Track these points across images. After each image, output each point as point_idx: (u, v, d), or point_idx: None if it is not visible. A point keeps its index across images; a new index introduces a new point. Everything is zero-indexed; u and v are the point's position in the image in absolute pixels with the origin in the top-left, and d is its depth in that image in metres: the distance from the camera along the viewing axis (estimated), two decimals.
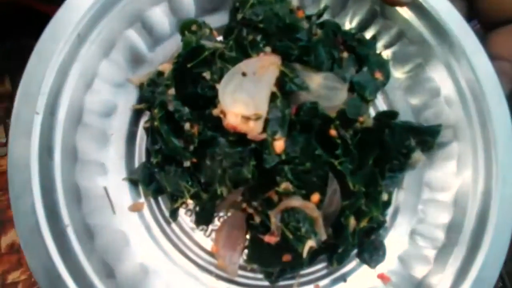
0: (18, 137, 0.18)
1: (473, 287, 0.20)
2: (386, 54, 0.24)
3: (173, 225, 0.21)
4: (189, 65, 0.20)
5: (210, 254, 0.21)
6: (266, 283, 0.21)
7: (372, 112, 0.24)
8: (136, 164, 0.21)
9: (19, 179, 0.18)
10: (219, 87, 0.19)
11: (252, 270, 0.21)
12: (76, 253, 0.18)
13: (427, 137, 0.22)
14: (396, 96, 0.24)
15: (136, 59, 0.21)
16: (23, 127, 0.18)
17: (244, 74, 0.19)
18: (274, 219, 0.19)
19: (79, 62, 0.19)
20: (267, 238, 0.19)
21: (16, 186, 0.18)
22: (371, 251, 0.21)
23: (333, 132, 0.20)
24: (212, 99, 0.20)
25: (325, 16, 0.23)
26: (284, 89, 0.20)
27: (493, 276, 0.20)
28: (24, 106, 0.18)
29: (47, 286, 0.18)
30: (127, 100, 0.21)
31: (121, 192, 0.20)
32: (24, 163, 0.18)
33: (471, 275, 0.20)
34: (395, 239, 0.22)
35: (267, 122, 0.19)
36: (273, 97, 0.19)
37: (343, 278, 0.22)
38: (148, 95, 0.21)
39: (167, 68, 0.21)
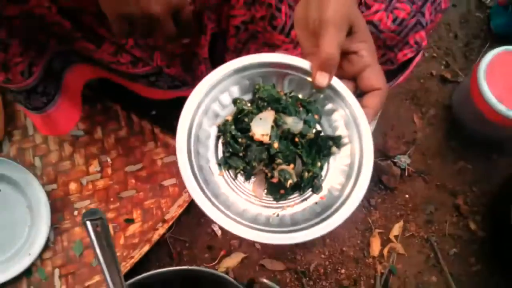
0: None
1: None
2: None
3: (236, 181, 0.51)
4: (239, 116, 0.51)
5: (251, 192, 0.51)
6: (275, 202, 0.51)
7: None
8: (219, 156, 0.52)
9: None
10: (252, 124, 0.50)
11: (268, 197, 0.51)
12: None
13: (337, 141, 0.53)
14: (324, 124, 0.55)
15: (217, 115, 0.52)
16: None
17: (260, 118, 0.50)
18: (276, 173, 0.50)
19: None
20: (273, 180, 0.50)
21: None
22: (316, 187, 0.52)
23: (297, 139, 0.50)
24: (249, 129, 0.50)
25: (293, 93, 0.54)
26: (276, 123, 0.50)
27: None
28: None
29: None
30: (214, 131, 0.52)
31: (215, 168, 0.51)
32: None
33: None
34: (326, 182, 0.52)
35: (270, 137, 0.50)
36: (272, 127, 0.50)
37: (305, 199, 0.52)
38: (222, 128, 0.52)
39: (229, 117, 0.52)
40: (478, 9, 1.16)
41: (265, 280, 0.69)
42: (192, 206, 0.91)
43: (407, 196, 0.98)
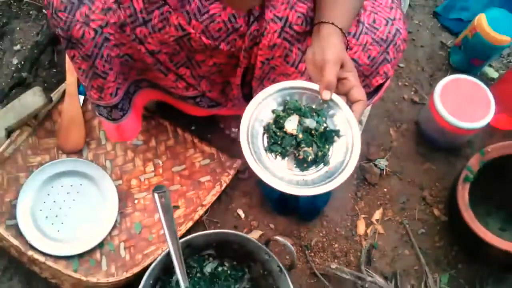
0: None
1: None
2: None
3: (276, 160, 0.77)
4: (277, 119, 0.80)
5: (286, 166, 0.79)
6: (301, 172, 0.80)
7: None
8: (265, 145, 0.79)
9: None
10: (285, 124, 0.78)
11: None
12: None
13: (337, 133, 0.83)
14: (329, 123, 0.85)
15: (261, 120, 0.82)
16: None
17: (290, 120, 0.80)
18: (301, 153, 0.76)
19: None
20: (300, 157, 0.79)
21: None
22: (326, 162, 0.81)
23: (313, 132, 0.75)
24: (283, 127, 0.79)
25: None
26: (300, 123, 0.77)
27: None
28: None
29: None
30: (261, 130, 0.82)
31: (263, 152, 0.79)
32: None
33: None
34: (332, 159, 0.81)
35: (296, 131, 0.77)
36: (297, 125, 0.78)
37: (320, 169, 0.81)
38: (267, 128, 0.77)
39: (271, 121, 0.80)
40: (440, 49, 1.50)
41: (277, 237, 0.99)
42: (222, 195, 1.21)
43: (385, 190, 1.28)
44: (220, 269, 1.07)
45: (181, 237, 0.99)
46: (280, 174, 0.77)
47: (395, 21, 0.93)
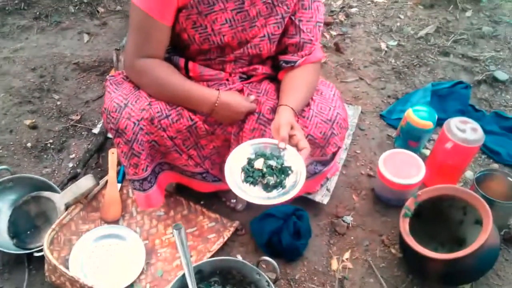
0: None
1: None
2: None
3: (250, 186, 1.25)
4: (250, 162, 1.28)
5: (255, 190, 1.25)
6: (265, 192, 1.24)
7: None
8: (242, 177, 1.27)
9: None
10: (255, 163, 1.27)
11: None
12: None
13: (290, 168, 1.28)
14: (284, 162, 1.31)
15: (240, 163, 1.30)
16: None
17: (258, 161, 1.28)
18: (265, 180, 1.24)
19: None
20: (264, 182, 1.24)
21: None
22: (283, 185, 1.23)
23: (273, 168, 1.26)
24: (253, 165, 1.28)
25: None
26: (265, 163, 1.27)
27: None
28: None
29: None
30: (239, 169, 1.29)
31: (240, 181, 1.25)
32: None
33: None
34: (287, 182, 1.25)
35: (263, 167, 1.26)
36: (263, 163, 1.27)
37: (278, 190, 1.25)
38: (243, 168, 1.28)
39: (246, 163, 1.29)
40: (387, 139, 1.99)
41: (264, 257, 1.34)
42: (225, 246, 1.58)
43: (352, 237, 1.64)
44: None
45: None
46: (253, 195, 1.21)
47: (335, 108, 1.43)
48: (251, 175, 1.23)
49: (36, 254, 1.50)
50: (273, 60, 1.50)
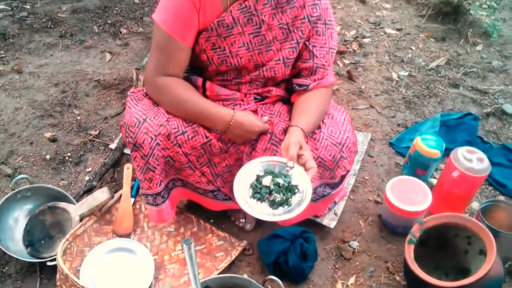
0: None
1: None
2: None
3: (257, 202, 1.30)
4: (258, 179, 1.33)
5: (263, 206, 1.30)
6: (272, 209, 1.29)
7: None
8: (250, 194, 1.32)
9: None
10: (263, 180, 1.32)
11: None
12: None
13: (297, 187, 1.33)
14: (291, 181, 1.36)
15: (249, 180, 1.35)
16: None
17: (266, 178, 1.32)
18: (272, 197, 1.29)
19: None
20: (271, 200, 1.29)
21: None
22: (289, 203, 1.29)
23: (281, 185, 1.31)
24: (262, 182, 1.32)
25: None
26: (273, 180, 1.32)
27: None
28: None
29: None
30: (248, 185, 1.34)
31: (248, 197, 1.30)
32: None
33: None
34: (293, 200, 1.30)
35: (271, 185, 1.31)
36: (271, 181, 1.32)
37: (284, 207, 1.29)
38: (252, 184, 1.33)
39: (254, 180, 1.34)
40: (396, 167, 2.03)
41: (270, 277, 1.38)
42: (232, 265, 1.61)
43: (357, 263, 1.66)
44: None
45: None
46: (259, 210, 1.26)
47: (345, 131, 1.48)
48: (258, 191, 1.28)
49: (49, 263, 1.55)
50: (287, 82, 1.57)
